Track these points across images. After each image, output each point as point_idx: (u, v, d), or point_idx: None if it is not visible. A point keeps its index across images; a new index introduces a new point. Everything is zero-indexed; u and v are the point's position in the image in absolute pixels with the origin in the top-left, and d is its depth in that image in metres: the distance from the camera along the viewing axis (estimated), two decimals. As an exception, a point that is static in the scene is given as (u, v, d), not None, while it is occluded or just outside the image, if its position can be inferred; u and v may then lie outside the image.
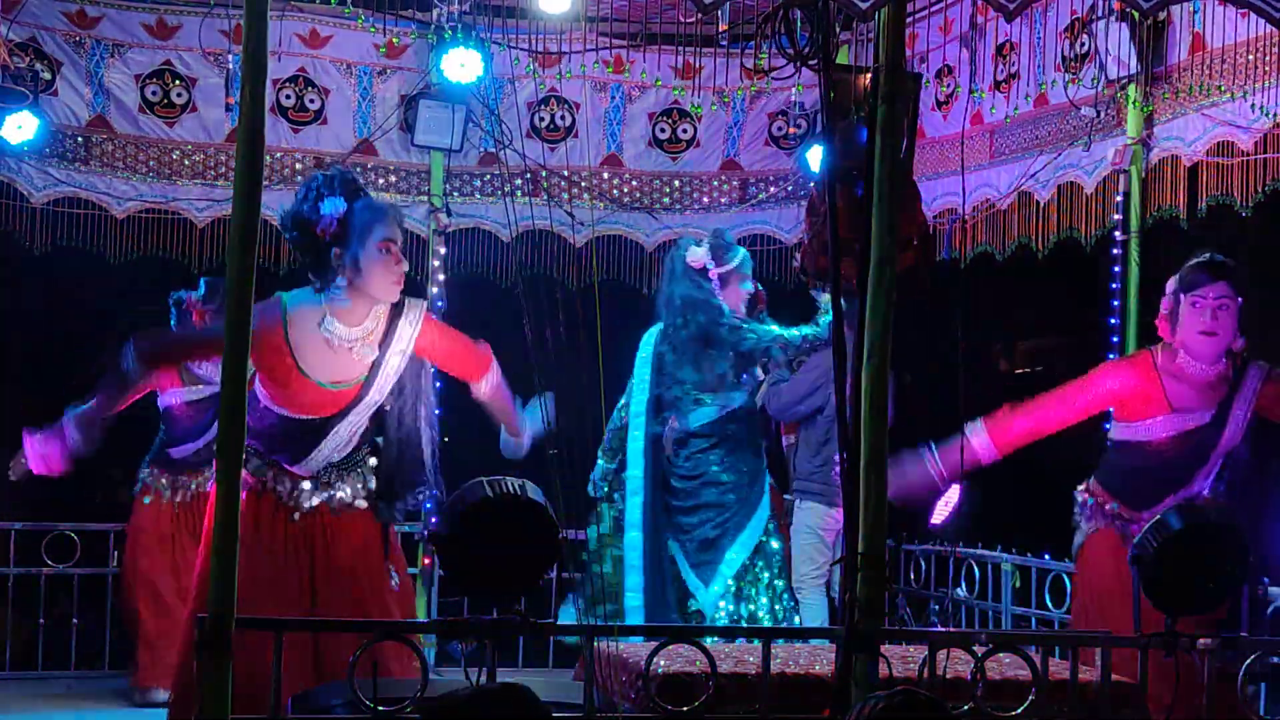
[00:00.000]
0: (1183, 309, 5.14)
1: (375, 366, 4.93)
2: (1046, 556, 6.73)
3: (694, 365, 6.36)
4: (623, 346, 6.57)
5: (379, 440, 5.08)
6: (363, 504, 4.98)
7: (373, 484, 5.01)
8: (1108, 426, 5.44)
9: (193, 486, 6.89)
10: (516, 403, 5.30)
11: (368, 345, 4.90)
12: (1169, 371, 5.19)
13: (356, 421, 4.96)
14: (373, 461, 5.05)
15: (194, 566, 6.37)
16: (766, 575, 6.31)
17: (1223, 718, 4.08)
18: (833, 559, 7.00)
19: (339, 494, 4.94)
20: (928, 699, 2.94)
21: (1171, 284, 5.27)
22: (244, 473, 4.29)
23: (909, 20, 6.35)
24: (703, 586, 6.26)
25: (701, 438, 6.35)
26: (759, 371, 6.59)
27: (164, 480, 6.95)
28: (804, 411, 7.15)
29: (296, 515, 4.88)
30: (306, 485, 4.90)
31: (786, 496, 7.27)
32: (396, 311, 4.95)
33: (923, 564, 7.54)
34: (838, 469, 6.92)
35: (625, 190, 8.26)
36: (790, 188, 8.31)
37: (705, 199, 8.34)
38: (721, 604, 6.23)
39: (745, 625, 6.11)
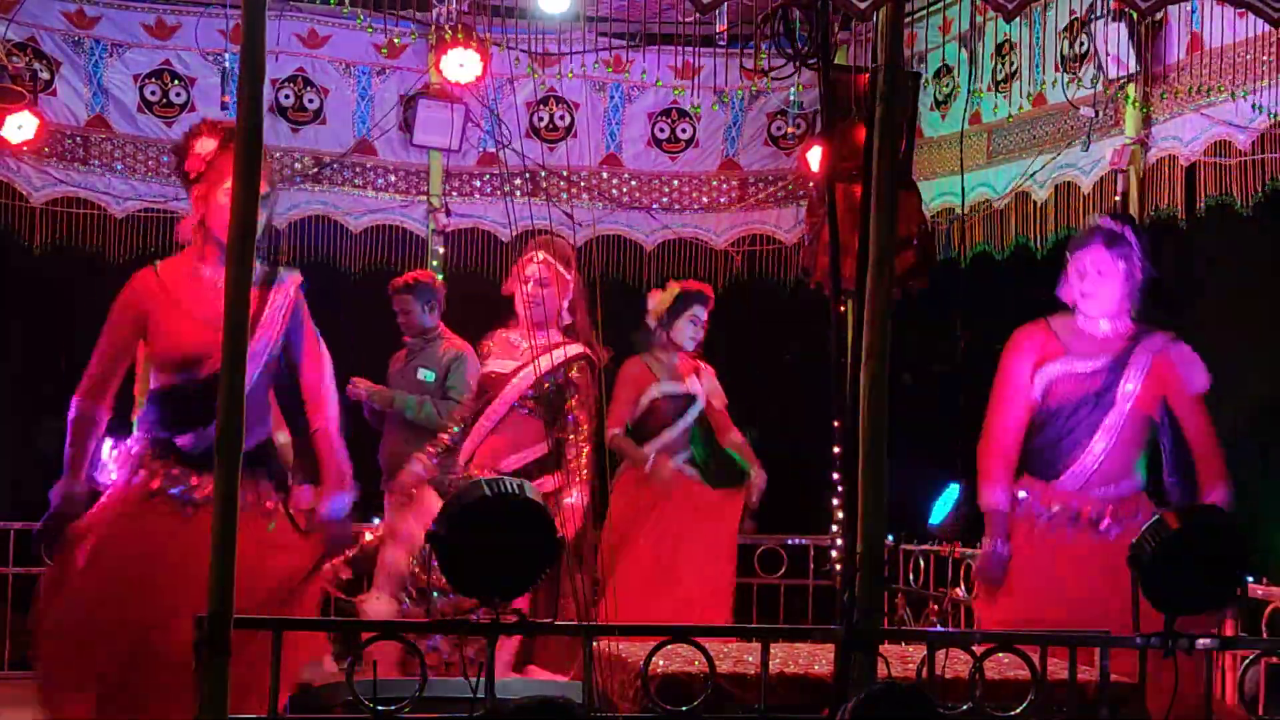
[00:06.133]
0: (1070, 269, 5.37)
1: None
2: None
3: None
4: (621, 344, 6.57)
5: None
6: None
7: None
8: None
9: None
10: None
11: None
12: (1066, 329, 5.36)
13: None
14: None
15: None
16: None
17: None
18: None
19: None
20: (908, 690, 2.93)
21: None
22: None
23: (908, 20, 6.35)
24: None
25: None
26: None
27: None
28: None
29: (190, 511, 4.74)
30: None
31: None
32: None
33: (922, 564, 7.54)
34: None
35: (624, 190, 8.26)
36: (789, 188, 8.30)
37: (704, 199, 8.34)
38: None
39: None
